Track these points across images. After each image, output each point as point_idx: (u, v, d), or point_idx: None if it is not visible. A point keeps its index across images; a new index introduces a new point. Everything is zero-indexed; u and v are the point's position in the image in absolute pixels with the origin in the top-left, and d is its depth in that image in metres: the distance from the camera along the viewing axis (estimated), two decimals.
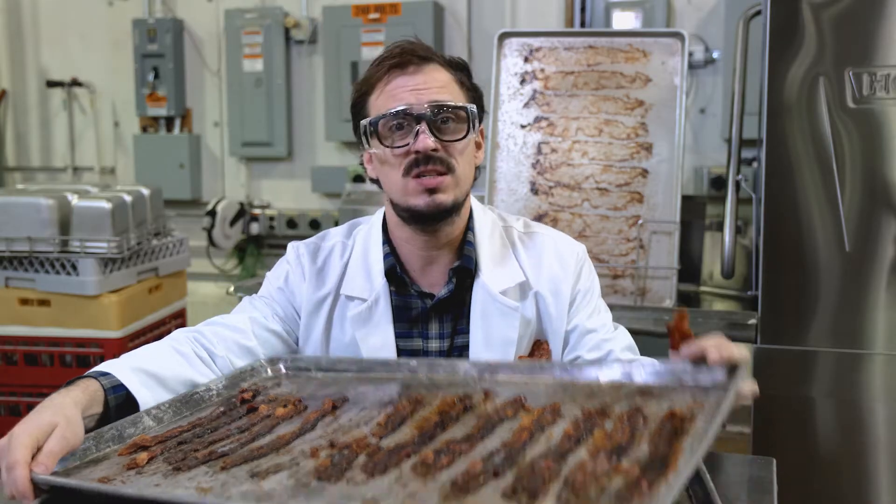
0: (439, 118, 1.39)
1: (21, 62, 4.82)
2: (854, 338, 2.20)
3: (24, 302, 2.91)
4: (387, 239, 1.52)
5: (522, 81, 2.73)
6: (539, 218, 2.66)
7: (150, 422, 1.20)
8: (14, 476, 1.00)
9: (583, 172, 2.65)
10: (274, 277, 1.57)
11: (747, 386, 1.10)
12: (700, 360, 1.13)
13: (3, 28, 4.80)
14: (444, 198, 1.40)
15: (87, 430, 1.13)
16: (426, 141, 1.37)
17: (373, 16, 4.07)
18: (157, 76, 4.47)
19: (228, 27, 4.35)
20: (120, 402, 1.22)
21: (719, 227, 2.69)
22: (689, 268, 2.85)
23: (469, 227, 1.52)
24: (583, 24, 3.80)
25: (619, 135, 2.65)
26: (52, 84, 4.70)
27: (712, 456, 1.10)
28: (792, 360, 2.25)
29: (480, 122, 1.47)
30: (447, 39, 4.17)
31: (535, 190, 2.68)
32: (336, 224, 2.94)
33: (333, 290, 1.51)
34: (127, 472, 1.05)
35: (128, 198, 2.98)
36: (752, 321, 2.29)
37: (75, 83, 4.70)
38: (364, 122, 1.43)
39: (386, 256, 1.50)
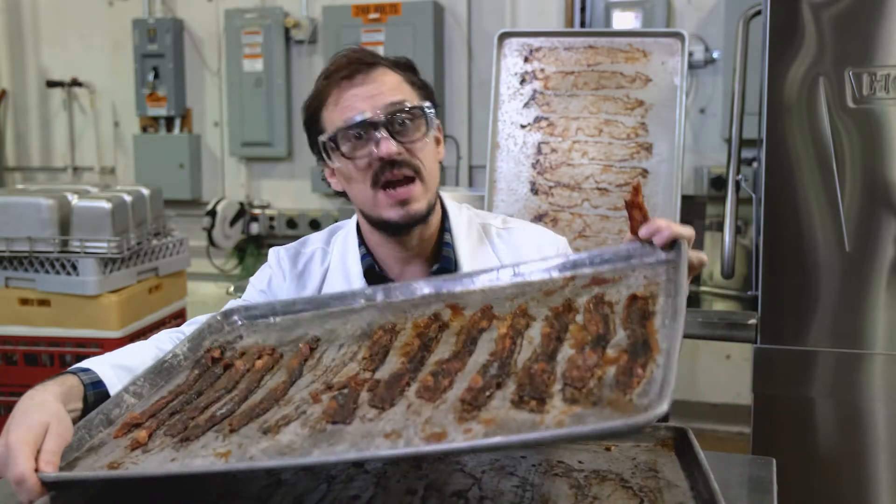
0: (397, 121, 1.39)
1: (21, 62, 4.82)
2: (854, 338, 2.19)
3: (24, 302, 2.92)
4: (363, 241, 1.53)
5: (522, 81, 2.73)
6: (539, 218, 2.65)
7: (132, 399, 1.19)
8: (25, 487, 0.98)
9: (583, 172, 2.65)
10: (257, 281, 1.58)
11: (694, 256, 1.16)
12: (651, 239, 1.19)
13: (3, 28, 4.80)
14: (418, 207, 1.40)
15: None
16: (389, 147, 1.36)
17: (373, 16, 4.07)
18: (157, 76, 4.47)
19: (228, 27, 4.35)
20: (100, 399, 1.20)
21: (719, 227, 2.69)
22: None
23: (445, 227, 1.52)
24: (583, 24, 3.80)
25: (619, 135, 2.64)
26: (52, 84, 4.71)
27: (712, 456, 1.09)
28: (792, 360, 2.25)
29: (437, 117, 1.47)
30: (447, 39, 4.17)
31: (535, 190, 2.67)
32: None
33: None
34: (132, 452, 1.03)
35: (128, 198, 2.98)
36: (752, 321, 2.29)
37: (75, 83, 4.70)
38: (322, 138, 1.42)
39: (363, 257, 1.51)
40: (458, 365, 1.03)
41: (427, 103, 1.43)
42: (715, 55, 3.77)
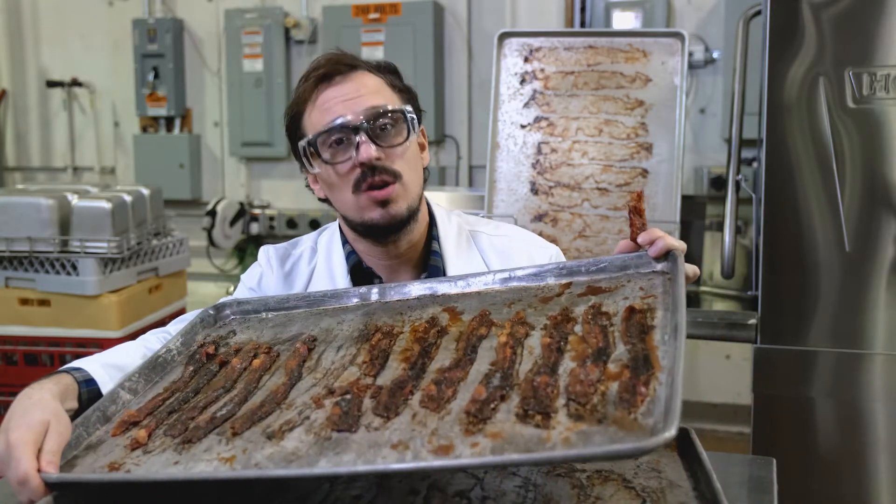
0: (377, 125, 1.37)
1: (21, 62, 4.82)
2: (854, 338, 2.20)
3: (24, 302, 2.91)
4: (346, 241, 1.52)
5: (522, 81, 2.73)
6: (539, 218, 2.66)
7: (127, 395, 1.18)
8: (29, 488, 0.98)
9: (583, 172, 2.65)
10: (248, 279, 1.59)
11: (689, 269, 1.18)
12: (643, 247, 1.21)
13: (3, 28, 4.80)
14: (397, 208, 1.39)
15: None
16: (369, 151, 1.35)
17: (373, 16, 4.07)
18: (157, 76, 4.47)
19: (228, 27, 4.35)
20: (92, 397, 1.20)
21: (719, 227, 2.69)
22: None
23: (433, 235, 1.51)
24: (583, 24, 3.80)
25: (619, 135, 2.65)
26: (52, 84, 4.71)
27: (712, 456, 1.10)
28: (792, 360, 2.25)
29: (420, 123, 1.45)
30: (447, 39, 4.17)
31: (535, 190, 2.68)
32: None
33: None
34: (133, 452, 1.02)
35: (128, 198, 2.98)
36: (752, 321, 2.29)
37: (75, 83, 4.70)
38: (302, 143, 1.41)
39: (349, 255, 1.51)
40: (460, 374, 1.03)
41: (408, 107, 1.42)
42: (715, 55, 3.77)
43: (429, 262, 1.49)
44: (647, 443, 0.79)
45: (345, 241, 1.52)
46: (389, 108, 1.39)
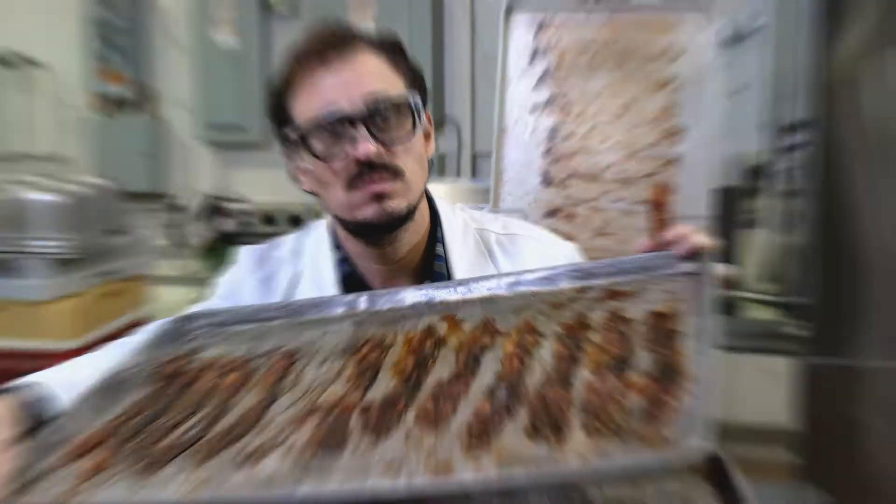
0: (378, 116, 1.34)
1: None
2: None
3: None
4: (338, 245, 1.51)
5: (533, 59, 2.73)
6: (552, 213, 2.68)
7: (82, 417, 1.17)
8: None
9: (602, 161, 2.66)
10: (222, 282, 1.58)
11: (721, 269, 1.18)
12: (669, 245, 1.24)
13: None
14: (396, 205, 1.36)
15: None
16: (367, 148, 1.31)
17: None
18: (113, 49, 4.45)
19: None
20: (42, 420, 1.18)
21: (759, 223, 2.69)
22: None
23: (437, 237, 1.50)
24: None
25: (644, 118, 2.66)
26: None
27: (751, 485, 1.09)
28: (845, 376, 2.25)
29: (425, 107, 1.42)
30: (447, 10, 4.19)
31: (547, 181, 2.69)
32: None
33: None
34: (87, 482, 1.00)
35: (82, 191, 2.99)
36: (800, 332, 2.29)
37: (13, 57, 4.63)
38: (290, 133, 1.38)
39: (340, 262, 1.49)
40: (460, 388, 1.03)
41: (415, 96, 1.38)
42: (757, 26, 3.75)
43: (432, 268, 1.48)
44: (675, 458, 0.78)
45: (336, 245, 1.51)
46: (392, 96, 1.35)
